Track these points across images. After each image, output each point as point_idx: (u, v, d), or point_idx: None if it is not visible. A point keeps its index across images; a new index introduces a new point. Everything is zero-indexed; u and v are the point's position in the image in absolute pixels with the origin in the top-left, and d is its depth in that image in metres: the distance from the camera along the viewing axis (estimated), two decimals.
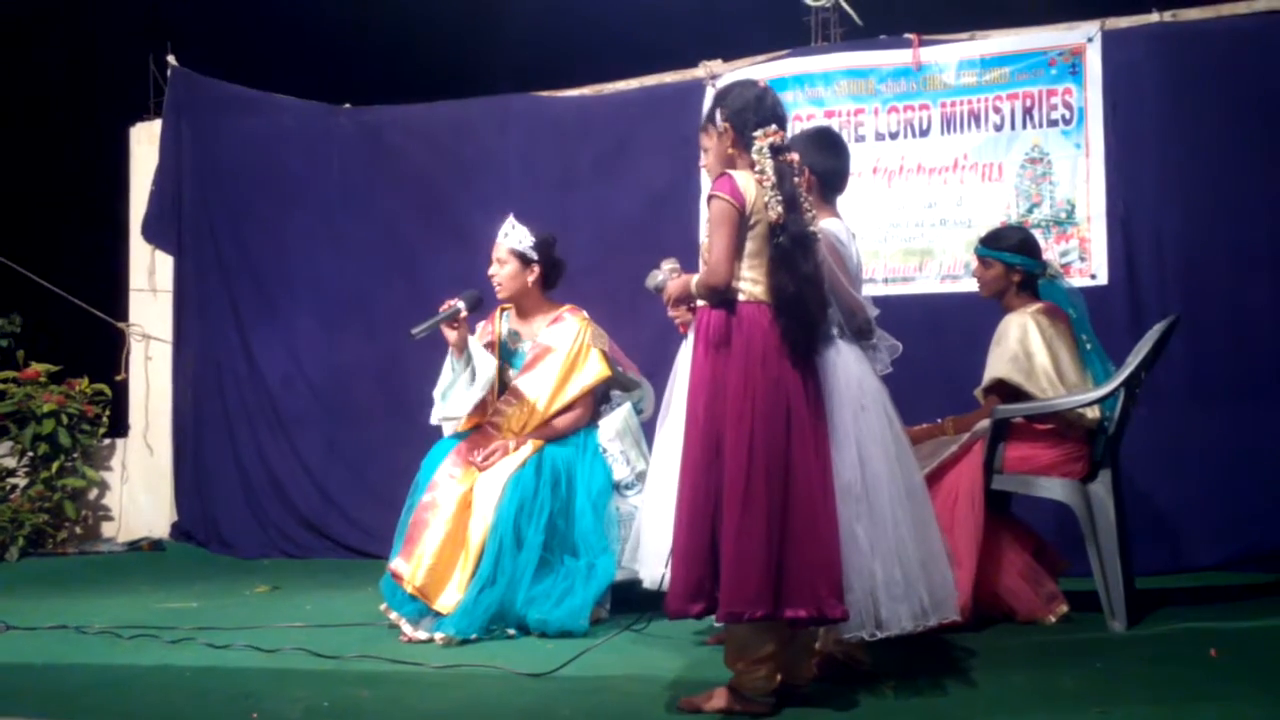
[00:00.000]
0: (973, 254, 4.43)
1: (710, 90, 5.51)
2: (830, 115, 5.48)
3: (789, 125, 3.11)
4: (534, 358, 4.41)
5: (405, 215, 6.29)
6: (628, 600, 4.14)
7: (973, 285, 4.44)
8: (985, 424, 4.01)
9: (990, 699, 3.03)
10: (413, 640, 3.90)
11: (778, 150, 2.93)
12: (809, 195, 3.01)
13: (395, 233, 6.29)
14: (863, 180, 5.33)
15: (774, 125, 2.96)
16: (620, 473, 4.33)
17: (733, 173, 2.94)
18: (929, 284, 5.33)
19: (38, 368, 6.48)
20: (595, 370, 4.38)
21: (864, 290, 3.49)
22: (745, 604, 2.79)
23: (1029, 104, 5.22)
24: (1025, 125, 5.22)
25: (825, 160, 3.46)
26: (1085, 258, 5.09)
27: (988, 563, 3.91)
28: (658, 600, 3.28)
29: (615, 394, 4.57)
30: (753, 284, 2.92)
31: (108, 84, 7.05)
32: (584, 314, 4.48)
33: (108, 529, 6.73)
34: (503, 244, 4.40)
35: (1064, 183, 5.15)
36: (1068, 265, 5.02)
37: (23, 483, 6.41)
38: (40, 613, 4.35)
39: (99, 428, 6.56)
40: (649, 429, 4.21)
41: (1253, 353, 4.84)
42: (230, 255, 6.54)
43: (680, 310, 3.31)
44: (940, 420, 4.20)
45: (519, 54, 6.72)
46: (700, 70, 5.80)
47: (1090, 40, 5.14)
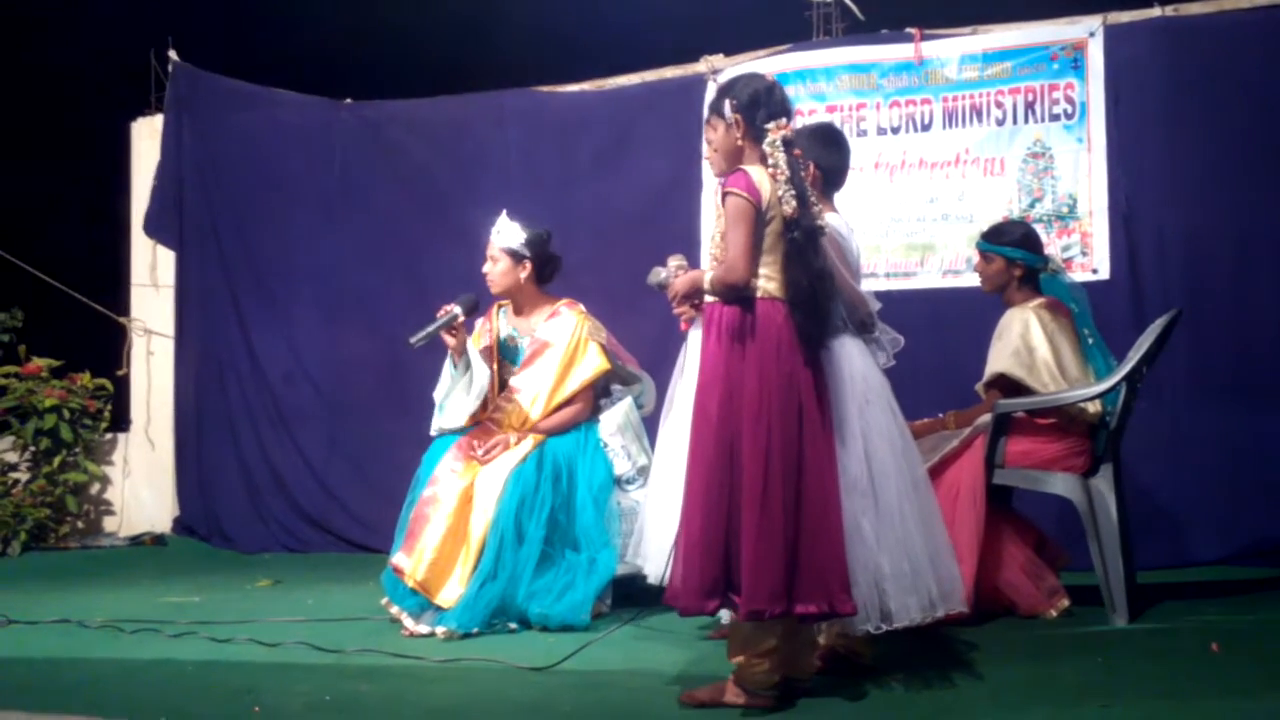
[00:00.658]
0: (974, 249, 4.43)
1: (712, 85, 5.50)
2: (832, 110, 5.48)
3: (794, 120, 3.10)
4: (532, 354, 4.41)
5: (406, 210, 6.29)
6: (629, 594, 4.14)
7: (974, 280, 4.43)
8: (987, 418, 4.01)
9: (992, 693, 3.03)
10: (414, 634, 3.90)
11: (788, 144, 2.91)
12: (814, 190, 3.01)
13: (396, 228, 6.29)
14: (864, 175, 5.33)
15: (784, 118, 2.93)
16: (621, 467, 4.33)
17: (746, 168, 2.91)
18: (931, 279, 5.33)
19: (40, 362, 6.48)
20: (594, 364, 4.38)
21: (865, 285, 3.49)
22: (765, 602, 2.78)
23: (1031, 98, 5.21)
24: (1027, 120, 5.21)
25: (828, 156, 3.46)
26: (1087, 252, 5.09)
27: (989, 557, 3.91)
28: (658, 594, 3.28)
29: (616, 388, 4.57)
30: (767, 280, 2.89)
31: (109, 79, 7.05)
32: (581, 307, 4.48)
33: (109, 524, 6.74)
34: (495, 241, 4.41)
35: (1066, 177, 5.14)
36: (1069, 260, 5.01)
37: (25, 477, 6.42)
38: (42, 607, 4.35)
39: (101, 422, 6.57)
40: (650, 423, 4.21)
41: (1254, 347, 4.84)
42: (231, 250, 6.54)
43: (685, 307, 3.29)
44: (942, 415, 4.20)
45: (520, 49, 6.71)
46: (702, 65, 5.79)
47: (1092, 34, 5.13)
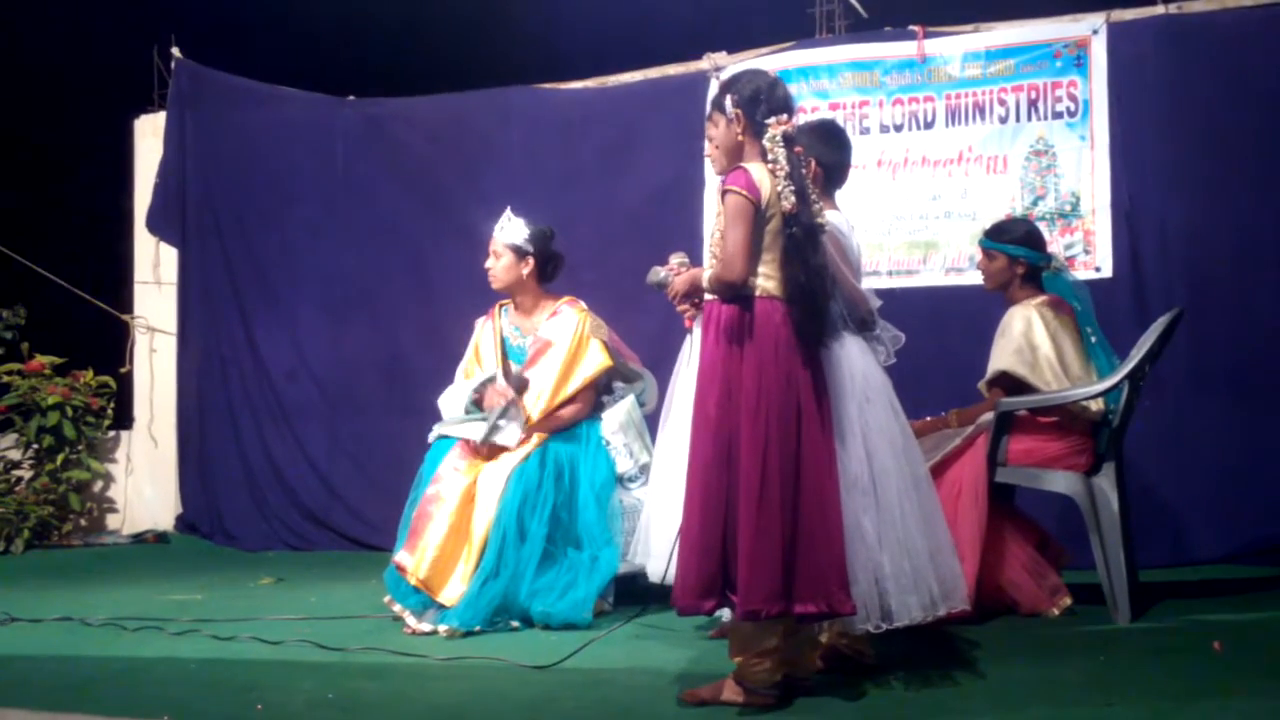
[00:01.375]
0: (977, 246, 4.43)
1: (714, 82, 5.49)
2: (835, 107, 5.48)
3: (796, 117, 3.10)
4: (535, 352, 4.40)
5: (409, 207, 6.29)
6: (631, 593, 4.14)
7: (977, 278, 4.43)
8: (989, 417, 4.00)
9: (993, 692, 3.02)
10: (416, 632, 3.90)
11: (789, 140, 2.91)
12: (814, 187, 3.00)
13: (399, 225, 6.29)
14: (867, 172, 5.33)
15: (785, 114, 2.92)
16: (623, 465, 4.33)
17: (747, 166, 2.91)
18: (933, 276, 5.32)
19: (42, 360, 6.48)
20: (597, 361, 4.38)
21: (867, 283, 3.49)
22: (762, 602, 2.78)
23: (1034, 96, 5.20)
24: (1030, 117, 5.21)
25: (830, 153, 3.46)
26: (1090, 250, 5.08)
27: (991, 555, 3.90)
28: (660, 593, 3.28)
29: (618, 386, 4.57)
30: (765, 278, 2.89)
31: (112, 77, 7.05)
32: (582, 305, 4.48)
33: (112, 521, 6.75)
34: (498, 237, 4.41)
35: (1069, 175, 5.13)
36: (1072, 258, 5.00)
37: (28, 475, 6.43)
38: (45, 604, 4.36)
39: (104, 420, 6.57)
40: (652, 421, 4.21)
41: (1258, 346, 4.82)
42: (234, 247, 6.54)
43: (686, 305, 3.29)
44: (944, 413, 4.19)
45: (523, 46, 6.71)
46: (704, 62, 5.79)
47: (1095, 32, 5.12)
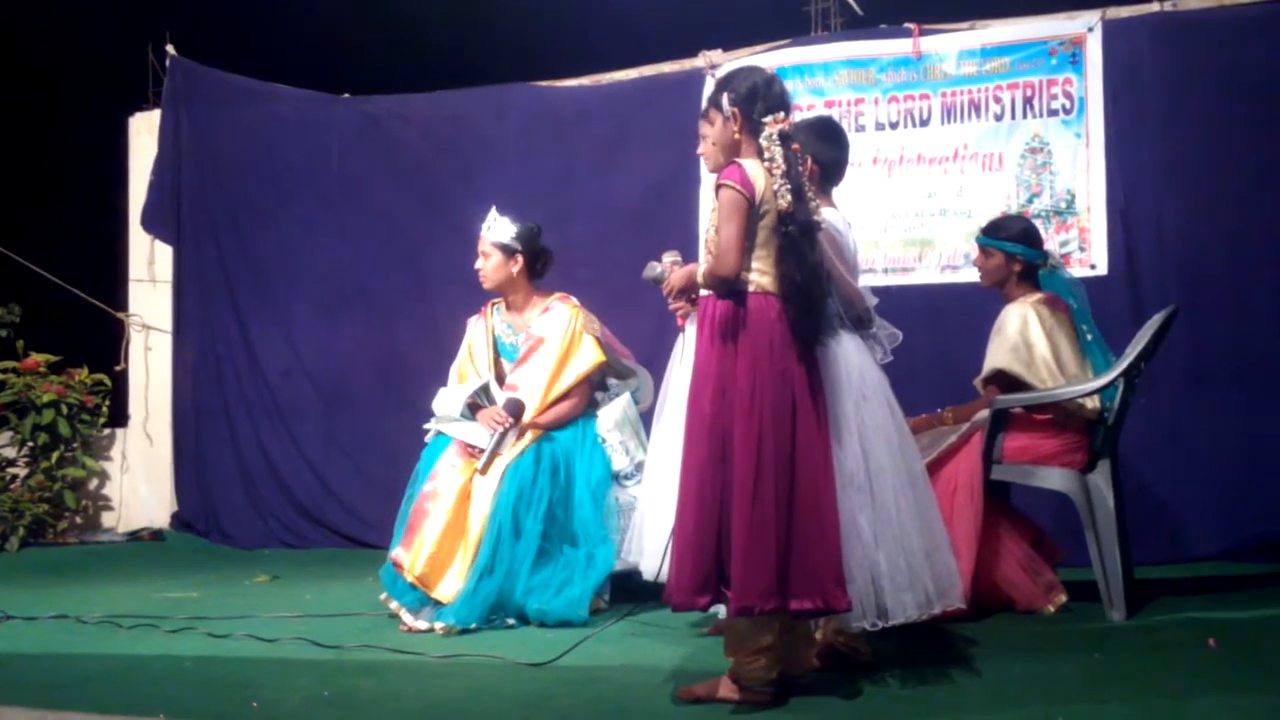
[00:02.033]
0: (973, 244, 4.43)
1: (710, 80, 5.49)
2: (830, 105, 5.47)
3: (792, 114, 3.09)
4: (528, 350, 4.40)
5: (404, 205, 6.28)
6: (627, 590, 4.14)
7: (973, 275, 4.43)
8: (985, 414, 4.01)
9: (989, 689, 3.02)
10: (412, 630, 3.90)
11: (786, 138, 2.90)
12: (811, 184, 3.00)
13: (394, 223, 6.29)
14: (863, 170, 5.33)
15: (782, 112, 2.92)
16: (619, 463, 4.33)
17: (742, 161, 2.91)
18: (929, 274, 5.32)
19: (37, 358, 6.48)
20: (590, 357, 4.38)
21: (864, 280, 3.49)
22: (756, 598, 2.78)
23: (1029, 93, 5.21)
24: (1025, 115, 5.21)
25: (828, 150, 3.46)
26: (1085, 248, 5.08)
27: (987, 553, 3.91)
28: (656, 590, 3.28)
29: (613, 383, 4.57)
30: (760, 274, 2.89)
31: (107, 74, 7.04)
32: (574, 301, 4.48)
33: (108, 519, 6.74)
34: (486, 237, 4.41)
35: (1064, 172, 5.14)
36: (1068, 255, 5.01)
37: (23, 473, 6.42)
38: (40, 602, 4.35)
39: (99, 418, 6.57)
40: (647, 419, 4.21)
41: (1253, 343, 4.83)
42: (229, 245, 6.54)
43: (681, 302, 3.29)
44: (940, 410, 4.19)
45: (518, 43, 6.71)
46: (700, 60, 5.79)
47: (1091, 30, 5.12)
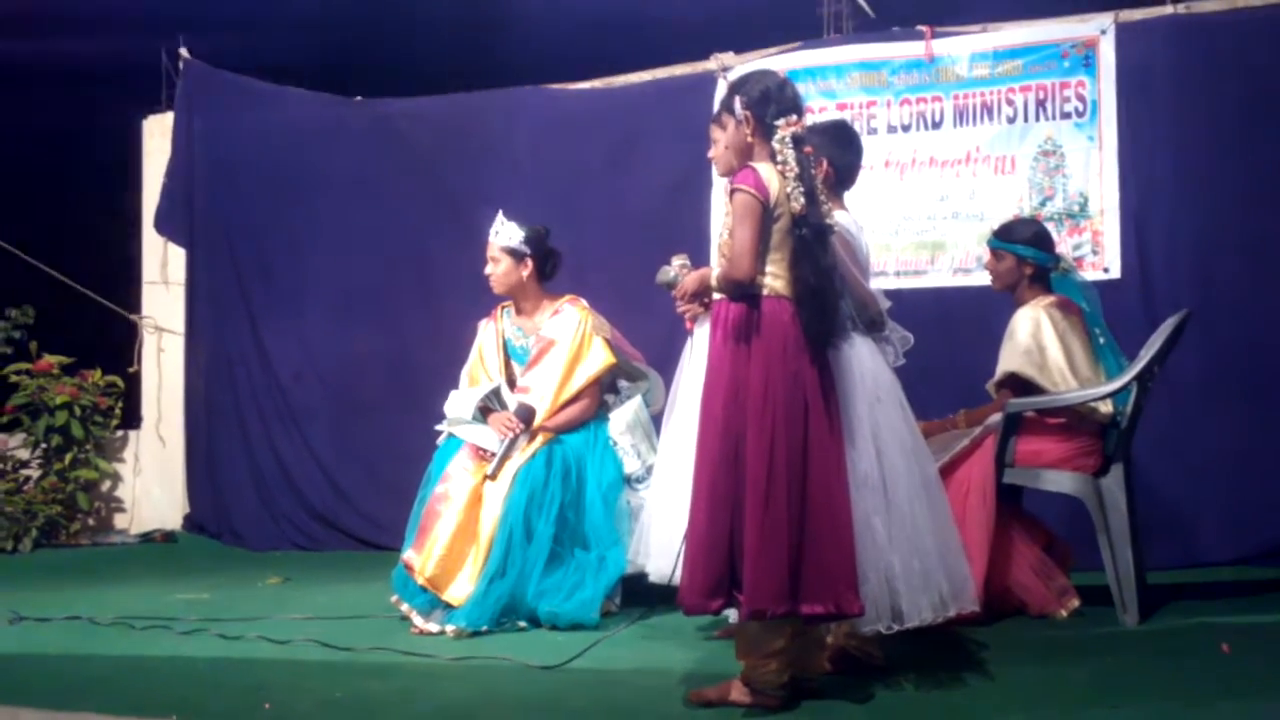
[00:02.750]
0: (985, 247, 4.42)
1: (722, 83, 5.49)
2: (842, 108, 5.46)
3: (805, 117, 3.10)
4: (538, 352, 4.40)
5: (416, 208, 6.28)
6: (638, 593, 4.14)
7: (985, 278, 4.42)
8: (997, 418, 4.00)
9: (1002, 693, 3.02)
10: (424, 632, 3.91)
11: (799, 141, 2.90)
12: (824, 187, 3.00)
13: (406, 225, 6.29)
14: (875, 173, 5.31)
15: (795, 115, 2.92)
16: (631, 466, 4.33)
17: (755, 165, 2.91)
18: (941, 277, 5.31)
19: (51, 360, 6.50)
20: (600, 359, 4.38)
21: (875, 283, 3.49)
22: (768, 601, 2.78)
23: (1042, 96, 5.19)
24: (1038, 118, 5.19)
25: (841, 154, 3.46)
26: (1098, 251, 5.07)
27: (999, 557, 3.90)
28: (667, 593, 3.28)
29: (624, 385, 4.56)
30: (774, 278, 2.89)
31: (120, 77, 7.05)
32: (583, 303, 4.48)
33: (120, 520, 6.76)
34: (494, 242, 4.42)
35: (1077, 175, 5.12)
36: (1080, 258, 4.99)
37: (36, 474, 6.44)
38: (53, 604, 4.37)
39: (112, 419, 6.59)
40: (657, 422, 4.21)
41: (1266, 347, 4.81)
42: (242, 248, 6.55)
43: (693, 305, 3.29)
44: (952, 414, 4.18)
45: (529, 47, 6.70)
46: (711, 63, 5.78)
47: (1104, 32, 5.11)
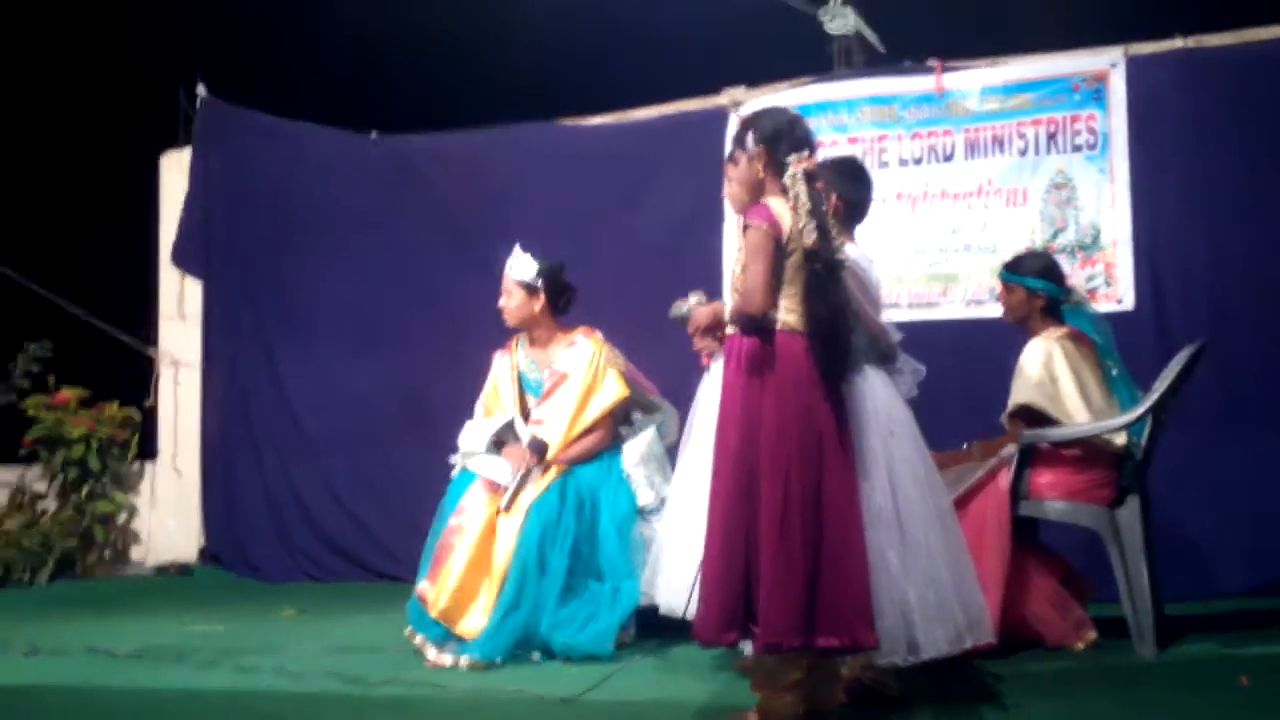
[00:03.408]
0: (997, 279, 4.44)
1: (734, 118, 5.53)
2: (854, 141, 5.50)
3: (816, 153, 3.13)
4: (552, 385, 4.42)
5: (432, 243, 6.33)
6: (653, 624, 4.13)
7: (997, 310, 4.43)
8: (1011, 449, 3.99)
9: None
10: (437, 665, 3.90)
11: (810, 177, 2.93)
12: (834, 222, 3.03)
13: (422, 259, 6.33)
14: (887, 206, 5.33)
15: (806, 151, 2.96)
16: (645, 498, 4.32)
17: (768, 201, 2.94)
18: (954, 309, 5.32)
19: (68, 393, 6.54)
20: (613, 391, 4.39)
21: (888, 316, 3.50)
22: (783, 635, 2.78)
23: (1053, 129, 5.22)
24: (1049, 150, 5.22)
25: (852, 189, 3.50)
26: (1111, 283, 5.08)
27: (1015, 589, 3.88)
28: (683, 625, 3.28)
29: (637, 417, 4.57)
30: (787, 312, 2.91)
31: (138, 113, 7.15)
32: (598, 335, 4.50)
33: (136, 553, 6.78)
34: (509, 275, 4.44)
35: (1089, 208, 5.14)
36: (1093, 290, 5.00)
37: (53, 506, 6.47)
38: (69, 636, 4.38)
39: (128, 452, 6.63)
40: (672, 454, 4.21)
41: None
42: (259, 282, 6.60)
43: (707, 340, 3.31)
44: (966, 446, 4.18)
45: (541, 83, 6.77)
46: (723, 98, 5.83)
47: (1114, 66, 5.14)
